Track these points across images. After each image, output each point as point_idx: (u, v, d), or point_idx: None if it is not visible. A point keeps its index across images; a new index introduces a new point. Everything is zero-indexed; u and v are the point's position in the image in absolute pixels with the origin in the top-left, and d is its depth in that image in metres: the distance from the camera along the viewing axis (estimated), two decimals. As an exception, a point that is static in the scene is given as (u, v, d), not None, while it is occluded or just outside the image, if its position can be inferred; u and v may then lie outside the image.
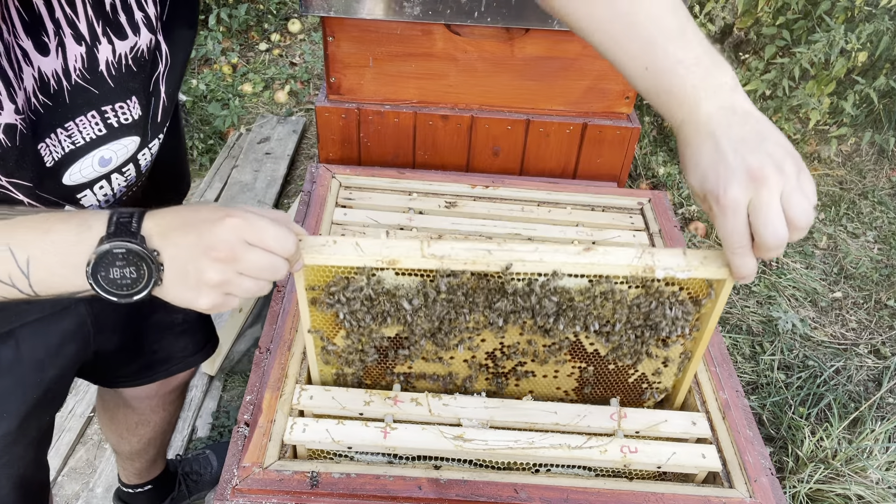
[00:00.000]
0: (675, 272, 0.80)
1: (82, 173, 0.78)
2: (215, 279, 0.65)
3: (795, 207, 0.67)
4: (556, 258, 0.80)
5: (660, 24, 0.73)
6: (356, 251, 0.80)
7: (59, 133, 0.73)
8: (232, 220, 0.65)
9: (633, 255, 0.81)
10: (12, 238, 0.64)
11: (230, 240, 0.65)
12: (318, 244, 0.79)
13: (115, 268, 0.64)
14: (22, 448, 1.05)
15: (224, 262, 0.65)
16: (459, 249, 0.80)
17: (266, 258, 0.68)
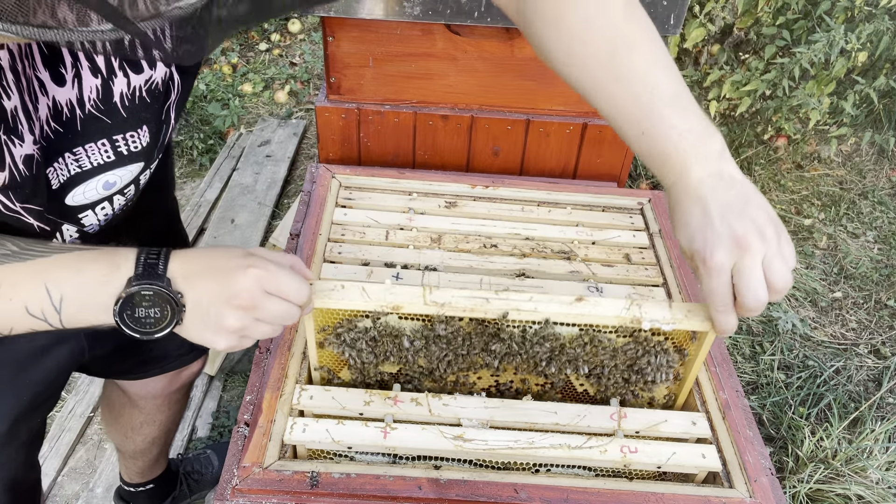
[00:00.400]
0: (661, 324, 0.86)
1: (86, 195, 0.80)
2: (235, 325, 0.70)
3: (775, 273, 0.73)
4: (550, 308, 0.87)
5: (657, 92, 0.76)
6: (362, 296, 0.86)
7: (66, 157, 0.74)
8: (254, 270, 0.70)
9: (622, 307, 0.87)
10: (49, 276, 0.67)
11: (251, 289, 0.70)
12: (328, 289, 0.85)
13: (142, 308, 0.68)
14: (13, 450, 1.05)
15: (245, 309, 0.70)
16: (459, 297, 0.87)
17: (283, 306, 0.72)
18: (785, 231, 0.75)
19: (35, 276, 0.67)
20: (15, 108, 0.63)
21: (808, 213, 2.90)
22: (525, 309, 0.86)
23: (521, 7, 0.83)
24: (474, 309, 0.86)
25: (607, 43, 0.77)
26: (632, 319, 0.86)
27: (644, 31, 0.78)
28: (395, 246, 1.19)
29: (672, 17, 1.33)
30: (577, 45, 0.79)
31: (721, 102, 2.55)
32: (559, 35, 0.79)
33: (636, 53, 0.77)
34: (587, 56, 0.78)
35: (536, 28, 0.82)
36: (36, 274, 0.67)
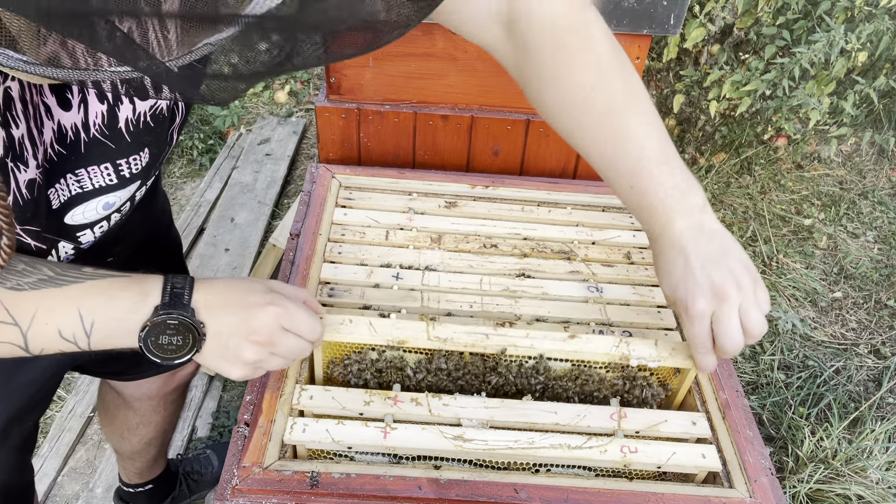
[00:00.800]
0: (647, 361, 0.93)
1: (85, 215, 0.81)
2: (252, 358, 0.75)
3: (751, 320, 0.80)
4: (544, 344, 0.93)
5: (646, 152, 0.83)
6: (370, 331, 0.92)
7: (68, 178, 0.75)
8: (273, 308, 0.75)
9: (612, 345, 0.94)
10: (82, 302, 0.70)
11: (270, 325, 0.75)
12: (336, 323, 0.91)
13: (166, 335, 0.72)
14: (5, 454, 1.05)
15: (262, 344, 0.74)
16: (460, 333, 0.93)
17: (297, 342, 0.78)
18: (760, 279, 0.82)
19: (69, 301, 0.70)
20: (22, 136, 0.64)
21: (808, 213, 2.90)
22: (521, 345, 0.93)
23: (520, 63, 0.87)
24: (474, 345, 0.92)
25: (604, 108, 0.82)
26: (620, 356, 0.93)
27: (635, 91, 0.84)
28: (394, 246, 1.19)
29: (672, 17, 1.33)
30: (575, 110, 0.84)
31: (721, 102, 2.55)
32: (557, 96, 0.85)
33: (630, 116, 0.83)
34: (585, 121, 0.84)
35: (534, 86, 0.87)
36: (70, 300, 0.70)
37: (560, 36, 0.82)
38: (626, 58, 0.85)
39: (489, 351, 0.93)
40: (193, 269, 2.38)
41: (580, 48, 0.83)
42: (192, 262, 2.45)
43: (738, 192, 2.94)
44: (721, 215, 2.82)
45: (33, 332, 0.70)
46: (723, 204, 2.89)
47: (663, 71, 2.99)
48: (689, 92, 2.77)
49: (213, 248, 2.53)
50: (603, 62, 0.83)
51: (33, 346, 0.71)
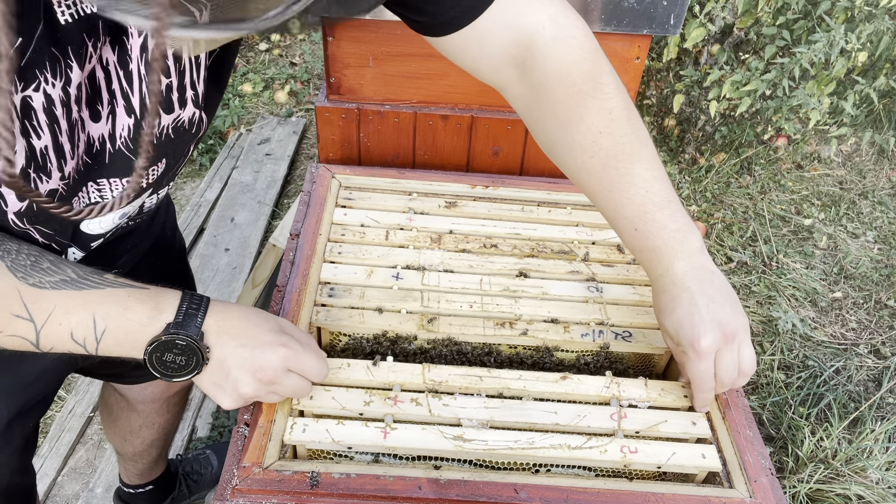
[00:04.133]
0: (638, 402, 0.95)
1: (101, 225, 0.82)
2: (249, 393, 0.76)
3: (746, 360, 0.86)
4: (537, 387, 0.95)
5: (650, 196, 0.86)
6: (367, 374, 0.94)
7: (89, 187, 0.75)
8: (284, 350, 0.76)
9: (602, 385, 0.96)
10: (98, 308, 0.71)
11: (276, 367, 0.76)
12: (335, 367, 0.94)
13: (171, 353, 0.73)
14: (7, 455, 1.05)
15: (264, 383, 0.76)
16: (455, 376, 0.95)
17: (300, 383, 0.80)
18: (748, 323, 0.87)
19: (86, 305, 0.71)
20: (45, 147, 0.65)
21: (808, 213, 2.90)
22: (515, 388, 0.95)
23: (531, 106, 0.89)
24: (469, 388, 0.94)
25: (611, 153, 0.85)
26: (611, 397, 0.95)
27: (641, 138, 0.87)
28: (394, 246, 1.19)
29: (672, 17, 1.33)
30: (584, 155, 0.87)
31: (721, 102, 2.55)
32: (567, 140, 0.87)
33: (635, 161, 0.86)
34: (592, 165, 0.87)
35: (544, 129, 0.90)
36: (88, 304, 0.71)
37: (574, 82, 0.85)
38: (635, 109, 0.89)
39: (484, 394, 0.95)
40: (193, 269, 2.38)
41: (592, 95, 0.85)
42: (192, 262, 2.45)
43: (738, 192, 2.94)
44: (721, 215, 2.82)
45: (46, 330, 0.70)
46: (723, 204, 2.89)
47: (663, 71, 2.99)
48: (689, 92, 2.76)
49: (213, 247, 2.53)
50: (614, 109, 0.86)
51: (44, 343, 0.72)
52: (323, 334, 1.05)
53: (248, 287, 2.18)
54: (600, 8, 1.32)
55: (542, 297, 1.11)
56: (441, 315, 1.06)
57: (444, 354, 1.04)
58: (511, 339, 1.04)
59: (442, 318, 1.05)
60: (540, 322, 1.07)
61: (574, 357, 1.07)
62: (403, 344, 1.04)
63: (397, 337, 1.03)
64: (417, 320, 1.04)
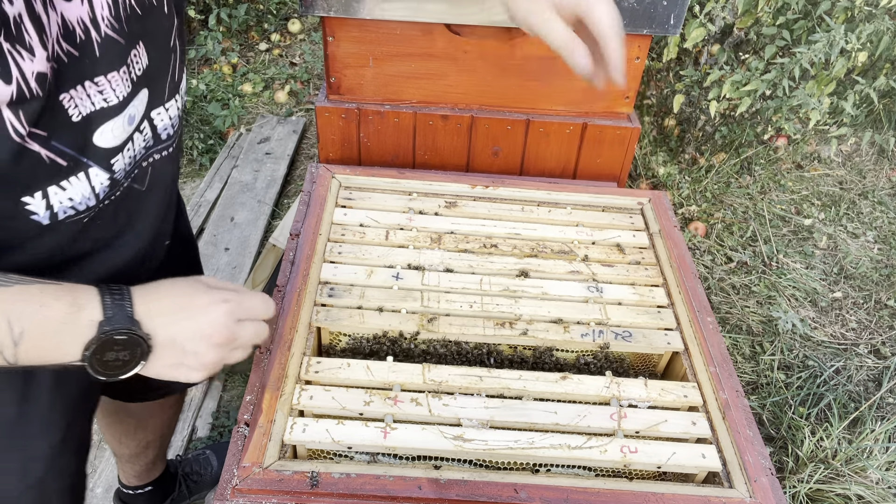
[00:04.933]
0: (638, 402, 0.96)
1: (114, 133, 0.77)
2: (214, 360, 0.73)
3: None
4: (537, 387, 0.95)
5: None
6: (367, 373, 0.95)
7: (87, 86, 0.70)
8: (226, 305, 0.73)
9: (602, 385, 0.97)
10: (12, 309, 0.65)
11: (227, 323, 0.72)
12: (335, 367, 0.95)
13: (113, 351, 0.68)
14: (66, 459, 1.04)
15: (223, 344, 0.73)
16: (455, 376, 0.96)
17: (254, 327, 0.76)
18: None
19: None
20: (19, 14, 0.59)
21: (808, 213, 2.90)
22: (514, 388, 0.95)
23: None
24: (469, 387, 0.95)
25: None
26: (611, 397, 0.96)
27: None
28: (394, 246, 1.19)
29: (672, 17, 1.33)
30: None
31: (721, 102, 2.55)
32: None
33: None
34: None
35: None
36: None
37: None
38: None
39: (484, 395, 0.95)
40: (193, 269, 2.38)
41: None
42: (191, 262, 2.44)
43: (738, 192, 2.94)
44: (721, 215, 2.82)
45: None
46: (723, 204, 2.89)
47: (663, 71, 2.99)
48: (689, 92, 2.76)
49: (213, 247, 2.53)
50: None
51: None
52: (323, 334, 1.05)
53: (248, 287, 2.18)
54: (600, 8, 1.32)
55: (542, 297, 1.11)
56: (441, 315, 1.06)
57: (444, 354, 1.04)
58: (511, 339, 1.04)
59: (442, 317, 1.05)
60: (540, 322, 1.07)
61: (574, 357, 1.07)
62: (403, 344, 1.04)
63: (397, 337, 1.03)
64: (417, 320, 1.04)
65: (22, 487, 0.96)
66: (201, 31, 3.61)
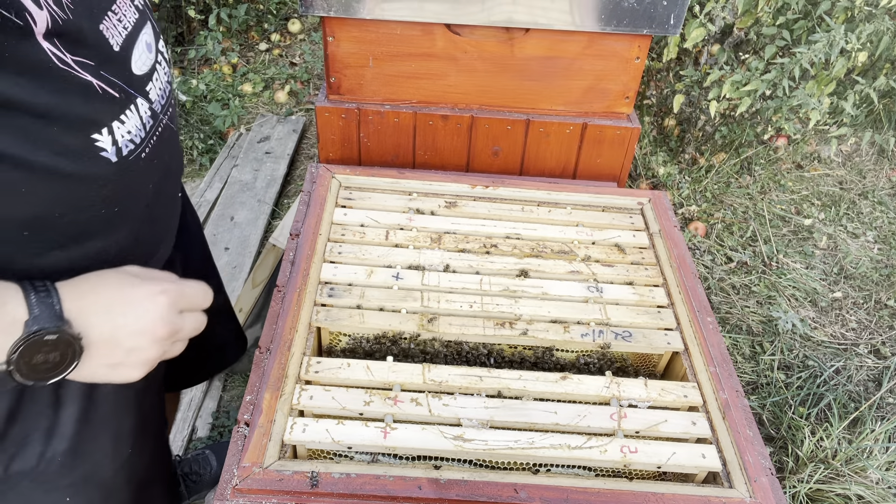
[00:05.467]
0: (638, 402, 0.96)
1: (141, 59, 0.77)
2: (156, 355, 0.68)
3: None
4: (537, 387, 0.95)
5: None
6: (367, 373, 0.95)
7: (110, 16, 0.71)
8: (163, 297, 0.68)
9: (602, 385, 0.97)
10: None
11: (167, 316, 0.68)
12: (335, 367, 0.95)
13: (42, 353, 0.62)
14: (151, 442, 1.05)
15: (165, 339, 0.68)
16: (455, 376, 0.96)
17: (195, 318, 0.72)
18: None
19: None
20: None
21: (808, 213, 2.90)
22: (514, 388, 0.95)
23: None
24: (469, 387, 0.95)
25: None
26: (612, 397, 0.96)
27: None
28: (395, 246, 1.19)
29: (672, 17, 1.33)
30: None
31: (721, 102, 2.55)
32: None
33: None
34: None
35: None
36: None
37: None
38: None
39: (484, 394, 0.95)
40: (193, 268, 2.38)
41: None
42: (191, 261, 2.44)
43: (738, 192, 2.94)
44: (721, 215, 2.82)
45: None
46: (723, 204, 2.89)
47: (663, 71, 2.99)
48: (689, 92, 2.77)
49: (213, 246, 2.53)
50: None
51: None
52: (323, 334, 1.05)
53: (248, 287, 2.18)
54: (600, 8, 1.32)
55: (542, 297, 1.11)
56: (441, 315, 1.06)
57: (444, 354, 1.04)
58: (511, 339, 1.04)
59: (442, 317, 1.05)
60: (540, 322, 1.07)
61: (574, 357, 1.07)
62: (403, 344, 1.04)
63: (397, 337, 1.03)
64: (417, 320, 1.04)
65: (116, 467, 0.95)
66: (201, 31, 3.61)
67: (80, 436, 0.88)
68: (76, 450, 0.88)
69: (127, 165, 0.77)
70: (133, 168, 0.78)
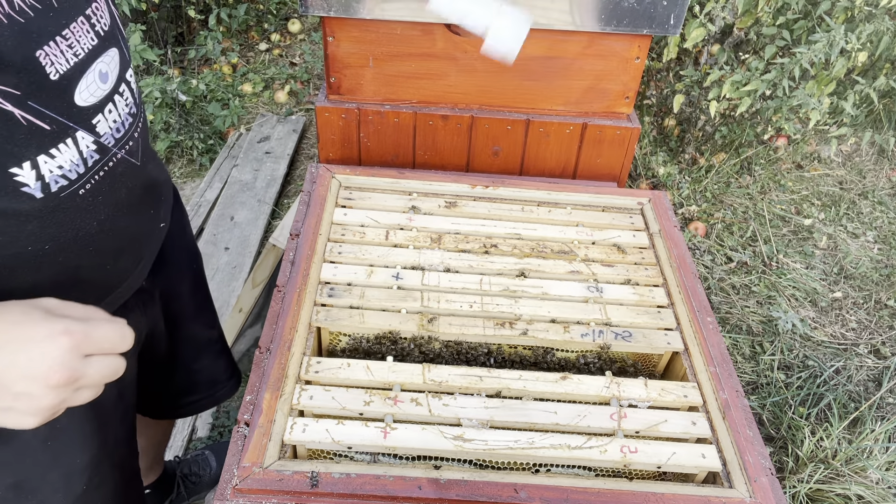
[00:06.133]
0: (638, 403, 0.96)
1: (89, 90, 0.74)
2: (52, 403, 0.60)
3: None
4: (537, 387, 0.95)
5: None
6: (367, 373, 0.95)
7: (58, 42, 0.68)
8: (67, 338, 0.59)
9: (603, 385, 0.97)
10: None
11: (67, 361, 0.59)
12: (335, 367, 0.95)
13: None
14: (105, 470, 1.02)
15: (63, 385, 0.59)
16: (455, 376, 0.96)
17: (106, 362, 0.63)
18: None
19: None
20: None
21: (808, 213, 2.90)
22: (514, 388, 0.95)
23: None
24: (469, 387, 0.95)
25: None
26: (612, 397, 0.96)
27: None
28: (395, 246, 1.19)
29: (672, 17, 1.33)
30: None
31: (721, 102, 2.55)
32: None
33: None
34: None
35: None
36: None
37: None
38: None
39: (484, 394, 0.95)
40: (193, 268, 2.37)
41: None
42: (191, 261, 2.44)
43: (738, 192, 2.94)
44: (721, 215, 2.82)
45: None
46: (723, 204, 2.89)
47: (663, 71, 2.99)
48: (689, 92, 2.77)
49: (213, 246, 2.53)
50: None
51: None
52: (323, 334, 1.05)
53: (248, 287, 2.18)
54: (600, 8, 1.32)
55: (542, 297, 1.11)
56: (441, 315, 1.06)
57: (443, 354, 1.04)
58: (511, 339, 1.04)
59: (442, 317, 1.05)
60: (540, 322, 1.07)
61: (574, 357, 1.07)
62: (403, 344, 1.04)
63: (397, 337, 1.03)
64: (417, 320, 1.04)
65: (68, 503, 0.94)
66: (201, 31, 3.61)
67: (26, 471, 0.85)
68: (21, 486, 0.85)
69: (58, 202, 0.73)
70: (67, 205, 0.74)
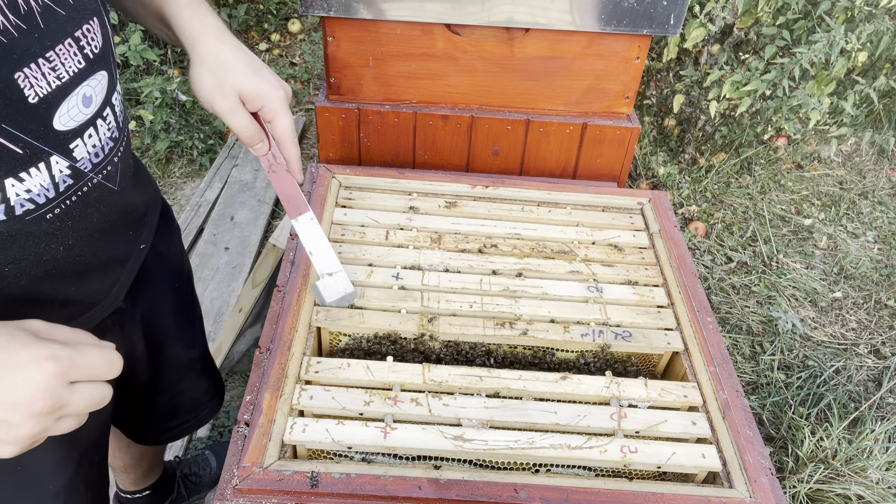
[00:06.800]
0: (638, 403, 0.96)
1: (70, 115, 0.72)
2: (33, 432, 0.57)
3: None
4: (537, 387, 0.95)
5: None
6: (367, 373, 0.95)
7: (40, 64, 0.67)
8: (52, 364, 0.56)
9: (603, 385, 0.97)
10: None
11: (51, 388, 0.56)
12: (335, 367, 0.95)
13: None
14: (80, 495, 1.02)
15: (46, 413, 0.56)
16: (455, 376, 0.96)
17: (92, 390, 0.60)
18: None
19: None
20: None
21: (808, 213, 2.90)
22: (514, 388, 0.95)
23: None
24: (469, 387, 0.95)
25: None
26: (612, 397, 0.96)
27: None
28: (394, 246, 1.19)
29: (672, 17, 1.33)
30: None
31: (721, 102, 2.55)
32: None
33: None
34: None
35: None
36: None
37: None
38: None
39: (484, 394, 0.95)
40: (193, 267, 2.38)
41: None
42: (191, 260, 2.44)
43: (738, 192, 2.94)
44: (721, 215, 2.82)
45: None
46: (723, 204, 2.89)
47: (663, 71, 2.99)
48: (689, 92, 2.77)
49: (213, 246, 2.53)
50: None
51: None
52: (323, 334, 1.05)
53: (248, 287, 2.18)
54: (600, 8, 1.32)
55: (542, 297, 1.11)
56: (441, 315, 1.06)
57: (443, 354, 1.04)
58: (511, 339, 1.04)
59: (442, 317, 1.05)
60: (540, 322, 1.07)
61: (574, 357, 1.07)
62: (403, 344, 1.04)
63: (397, 337, 1.03)
64: (417, 320, 1.04)
65: None
66: (201, 31, 3.61)
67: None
68: None
69: (21, 225, 0.72)
70: (31, 229, 0.73)
